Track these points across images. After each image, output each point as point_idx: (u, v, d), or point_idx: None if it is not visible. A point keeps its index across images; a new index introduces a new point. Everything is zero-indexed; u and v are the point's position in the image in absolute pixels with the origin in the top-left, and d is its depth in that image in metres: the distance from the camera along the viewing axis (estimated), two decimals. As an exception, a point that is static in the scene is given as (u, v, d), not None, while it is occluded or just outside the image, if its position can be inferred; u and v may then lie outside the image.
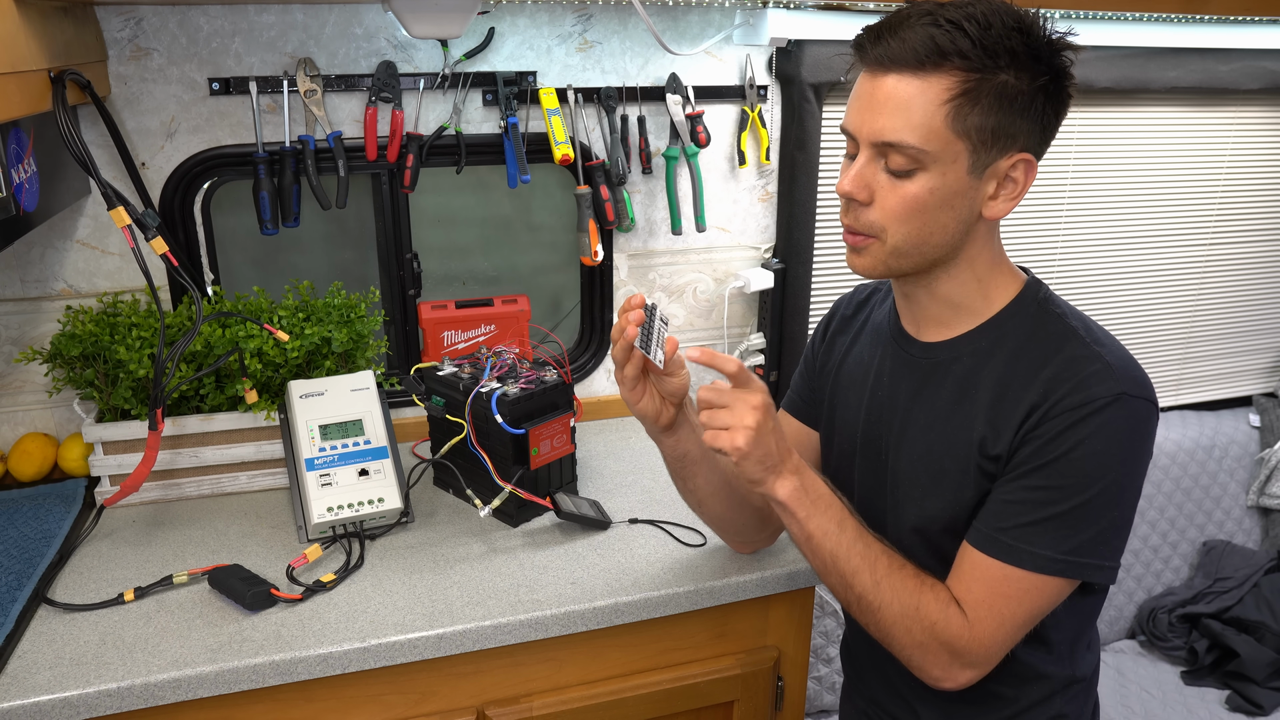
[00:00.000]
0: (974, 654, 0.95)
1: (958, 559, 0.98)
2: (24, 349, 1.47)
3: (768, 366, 1.89)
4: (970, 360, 1.00)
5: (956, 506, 1.00)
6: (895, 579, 0.97)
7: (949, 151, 0.89)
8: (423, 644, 1.13)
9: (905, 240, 0.94)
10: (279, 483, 1.48)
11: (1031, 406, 0.93)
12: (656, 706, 1.28)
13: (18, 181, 1.12)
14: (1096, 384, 0.91)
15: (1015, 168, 0.92)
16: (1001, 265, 1.01)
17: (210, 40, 1.46)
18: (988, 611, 0.94)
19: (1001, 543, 0.93)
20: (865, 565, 0.97)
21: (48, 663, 1.06)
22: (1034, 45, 0.88)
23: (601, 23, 1.62)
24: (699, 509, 1.20)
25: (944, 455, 1.00)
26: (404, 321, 1.71)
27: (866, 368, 1.12)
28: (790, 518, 0.99)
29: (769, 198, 1.82)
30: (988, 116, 0.88)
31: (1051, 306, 1.00)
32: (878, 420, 1.08)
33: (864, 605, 0.98)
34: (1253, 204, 2.23)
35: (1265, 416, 2.31)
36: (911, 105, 0.88)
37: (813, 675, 1.91)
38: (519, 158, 1.58)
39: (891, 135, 0.90)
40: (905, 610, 0.96)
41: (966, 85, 0.87)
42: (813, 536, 0.98)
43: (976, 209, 0.94)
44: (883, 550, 0.99)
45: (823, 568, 1.00)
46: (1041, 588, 0.93)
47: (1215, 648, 2.04)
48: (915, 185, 0.91)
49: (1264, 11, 1.74)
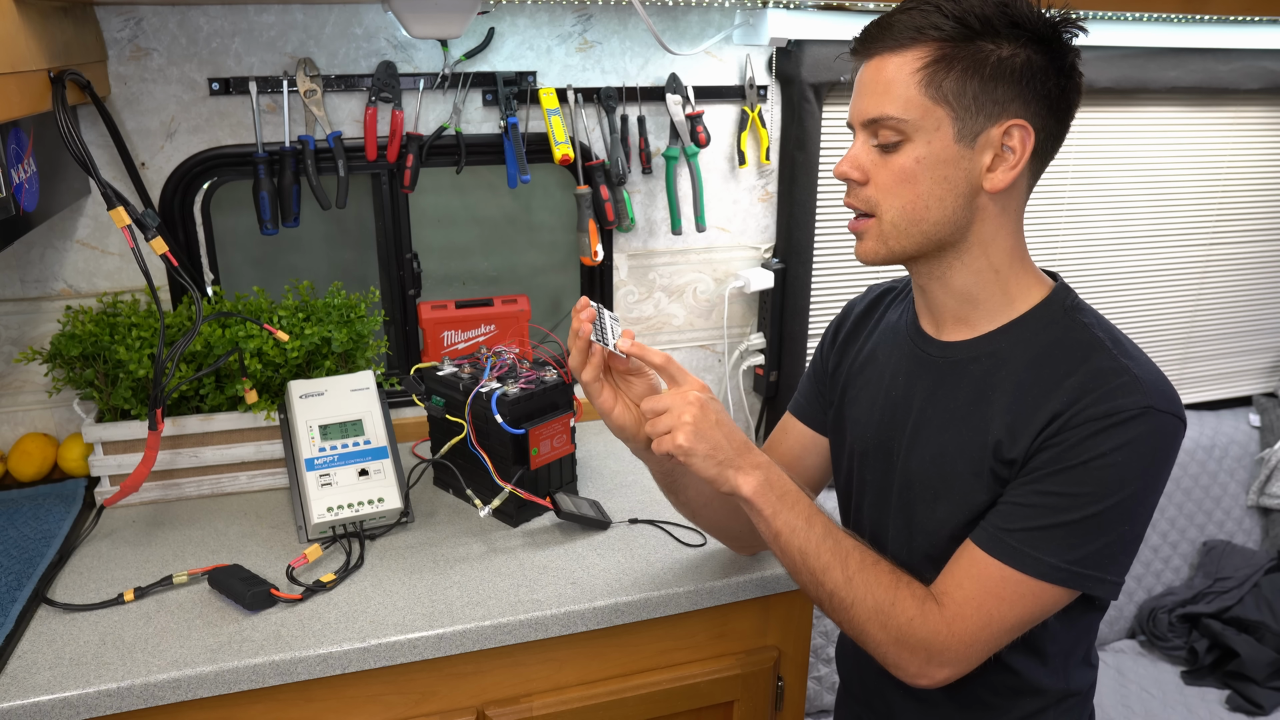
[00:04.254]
0: (951, 652, 0.93)
1: (955, 555, 0.96)
2: (24, 349, 1.48)
3: (768, 366, 1.89)
4: (990, 361, 0.98)
5: (966, 510, 0.98)
6: (868, 574, 0.95)
7: (930, 119, 0.90)
8: (423, 644, 1.13)
9: (900, 214, 0.94)
10: (279, 483, 1.48)
11: (1053, 414, 0.91)
12: (656, 706, 1.28)
13: (17, 181, 1.12)
14: (1123, 395, 0.89)
15: (1009, 135, 0.91)
16: (1024, 265, 0.99)
17: (210, 40, 1.46)
18: (975, 610, 0.92)
19: (1006, 544, 0.92)
20: (836, 561, 0.96)
21: (47, 663, 1.06)
22: (1013, 15, 0.89)
23: (601, 23, 1.62)
24: (695, 519, 1.20)
25: (957, 457, 0.98)
26: (404, 321, 1.71)
27: (881, 368, 1.10)
28: (756, 515, 0.98)
29: (769, 198, 1.82)
30: (965, 82, 0.89)
31: (1079, 315, 0.97)
32: (890, 421, 1.07)
33: (836, 602, 0.96)
34: (1253, 204, 2.23)
35: (1265, 416, 2.31)
36: (893, 79, 0.91)
37: (813, 675, 1.91)
38: (519, 158, 1.58)
39: (875, 110, 0.92)
40: (879, 606, 0.94)
41: (940, 52, 0.89)
42: (780, 534, 0.97)
43: (975, 181, 0.93)
44: (854, 545, 0.97)
45: (792, 566, 0.98)
46: (1038, 594, 0.91)
47: (1215, 647, 2.04)
48: (903, 156, 0.92)
49: (1264, 11, 1.74)
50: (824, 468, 1.22)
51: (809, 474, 1.22)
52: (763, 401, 1.95)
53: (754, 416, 1.97)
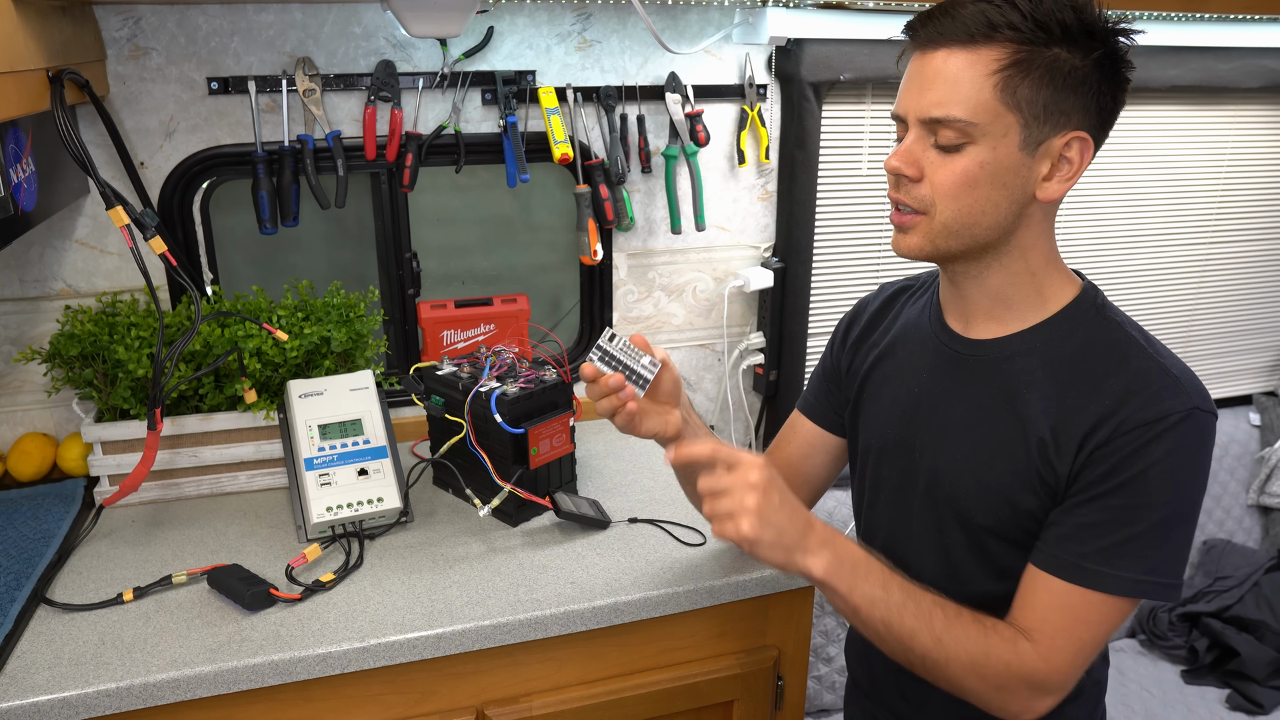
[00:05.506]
0: (1054, 682, 0.92)
1: (1027, 587, 0.95)
2: (23, 349, 1.47)
3: (767, 366, 1.89)
4: (1023, 360, 0.97)
5: (1008, 510, 0.96)
6: (956, 631, 0.92)
7: (999, 125, 0.87)
8: (422, 644, 1.13)
9: (955, 217, 0.91)
10: (278, 482, 1.48)
11: (1099, 418, 0.90)
12: (656, 706, 1.28)
13: (16, 181, 1.12)
14: (1169, 398, 0.88)
15: (1070, 146, 0.89)
16: (1058, 265, 0.99)
17: (209, 39, 1.46)
18: (1067, 639, 0.91)
19: (1083, 568, 0.90)
20: (922, 625, 0.92)
21: (47, 663, 1.06)
22: (1087, 21, 0.86)
23: (601, 22, 1.62)
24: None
25: (994, 457, 0.97)
26: (403, 321, 1.71)
27: (901, 365, 1.09)
28: (832, 594, 0.95)
29: (768, 197, 1.82)
30: (1039, 90, 0.86)
31: (1110, 314, 0.97)
32: (913, 418, 1.05)
33: (929, 664, 0.93)
34: (1252, 203, 2.23)
35: (1265, 415, 2.31)
36: (960, 78, 0.87)
37: (813, 675, 1.91)
38: (518, 157, 1.58)
39: (939, 110, 0.88)
40: (974, 659, 0.92)
41: (1018, 56, 0.85)
42: (860, 609, 0.93)
43: (1030, 189, 0.91)
44: (934, 603, 0.94)
45: (876, 636, 0.95)
46: (1120, 608, 0.91)
47: (1215, 647, 2.04)
48: (966, 159, 0.89)
49: (1264, 10, 1.74)
50: (830, 466, 1.22)
51: (815, 473, 1.22)
52: (762, 401, 1.95)
53: (754, 416, 1.97)
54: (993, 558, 1.00)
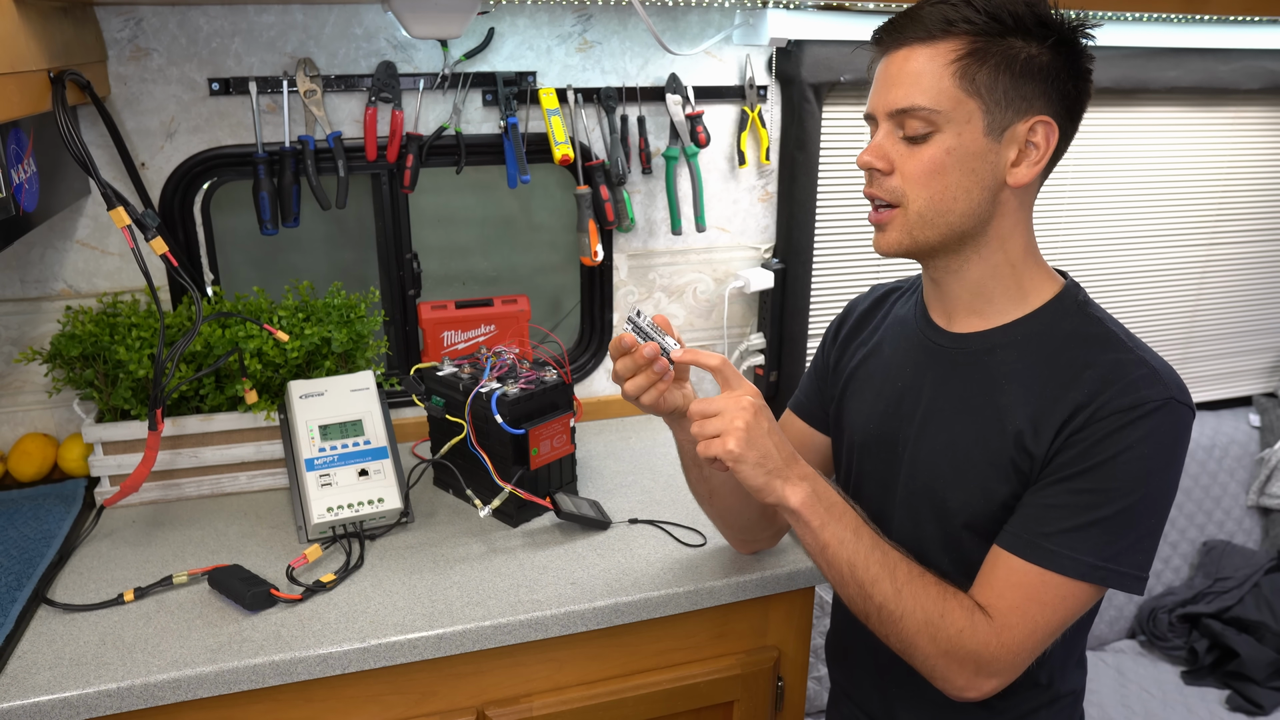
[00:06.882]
0: (1001, 662, 0.92)
1: (988, 565, 0.96)
2: (24, 349, 1.47)
3: (768, 366, 1.89)
4: (1004, 353, 0.99)
5: (982, 501, 0.98)
6: (916, 586, 0.94)
7: (961, 111, 0.91)
8: (422, 644, 1.13)
9: (927, 205, 0.94)
10: (279, 483, 1.48)
11: (1076, 405, 0.91)
12: (656, 707, 1.28)
13: (17, 182, 1.12)
14: (1146, 387, 0.90)
15: (1034, 131, 0.92)
16: (1038, 260, 1.01)
17: (210, 40, 1.46)
18: (1020, 618, 0.92)
19: (1043, 548, 0.91)
20: (885, 573, 0.94)
21: (47, 663, 1.06)
22: (1041, 14, 0.91)
23: (601, 23, 1.62)
24: (710, 499, 1.18)
25: (971, 447, 0.98)
26: (404, 321, 1.71)
27: (886, 360, 1.10)
28: (804, 527, 0.96)
29: (769, 198, 1.82)
30: (997, 76, 0.90)
31: (1091, 310, 0.99)
32: (895, 412, 1.07)
33: (884, 615, 0.95)
34: (1253, 204, 2.22)
35: (1265, 416, 2.31)
36: (922, 71, 0.91)
37: (813, 675, 1.91)
38: (519, 158, 1.58)
39: (904, 101, 0.92)
40: (929, 618, 0.93)
41: (974, 46, 0.90)
42: (828, 546, 0.96)
43: (1000, 175, 0.94)
44: (901, 558, 0.96)
45: (839, 578, 0.97)
46: (1077, 594, 0.91)
47: (1215, 647, 2.04)
48: (933, 148, 0.92)
49: (1264, 11, 1.74)
50: (820, 465, 1.23)
51: None
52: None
53: (754, 416, 1.97)
54: (966, 554, 1.00)
